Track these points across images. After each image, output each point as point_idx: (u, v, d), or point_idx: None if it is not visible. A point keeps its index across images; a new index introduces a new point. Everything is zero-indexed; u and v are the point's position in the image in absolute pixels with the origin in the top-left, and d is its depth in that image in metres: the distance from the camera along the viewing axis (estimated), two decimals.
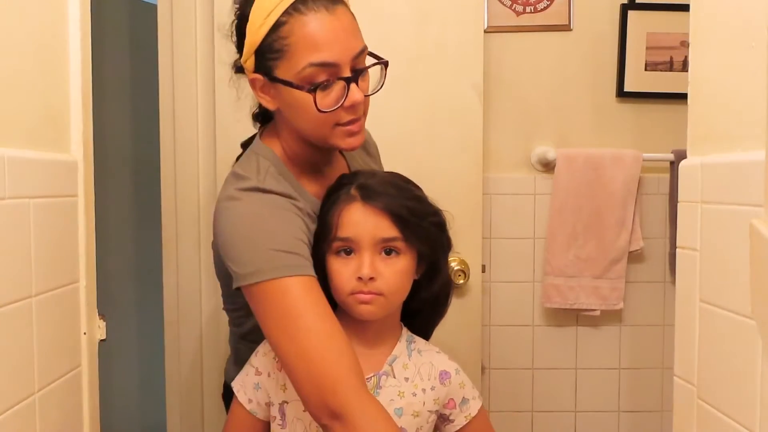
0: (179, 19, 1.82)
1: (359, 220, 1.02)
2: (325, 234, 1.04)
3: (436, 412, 1.09)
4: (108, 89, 2.08)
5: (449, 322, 1.21)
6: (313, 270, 1.00)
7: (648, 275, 2.03)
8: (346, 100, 1.02)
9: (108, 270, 1.92)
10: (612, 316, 2.03)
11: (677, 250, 1.00)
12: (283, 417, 1.07)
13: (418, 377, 1.08)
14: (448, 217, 1.10)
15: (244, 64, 1.07)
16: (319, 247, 1.05)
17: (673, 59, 1.97)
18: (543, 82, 1.99)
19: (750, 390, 0.79)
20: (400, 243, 1.02)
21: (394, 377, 1.07)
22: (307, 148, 1.11)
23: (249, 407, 1.09)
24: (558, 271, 1.97)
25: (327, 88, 1.02)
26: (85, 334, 1.12)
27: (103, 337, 1.17)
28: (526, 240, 2.02)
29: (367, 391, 0.96)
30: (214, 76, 1.79)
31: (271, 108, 1.09)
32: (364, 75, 1.06)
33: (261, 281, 0.97)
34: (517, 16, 1.97)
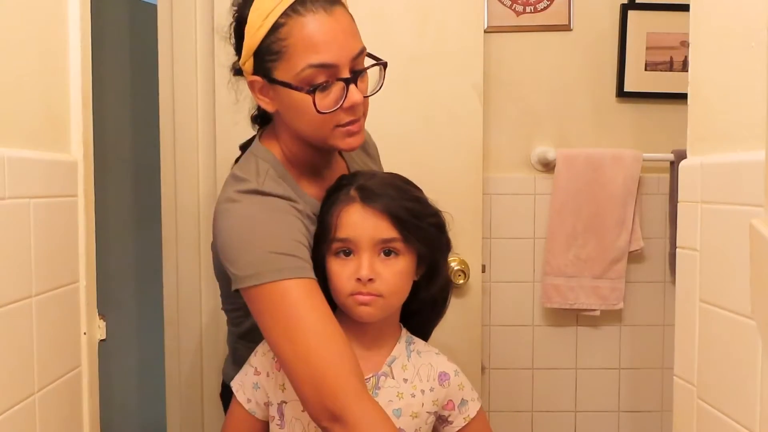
0: (179, 19, 1.82)
1: (358, 221, 1.02)
2: (325, 235, 1.04)
3: (434, 413, 1.09)
4: (108, 89, 2.08)
5: (449, 322, 1.21)
6: (313, 272, 1.00)
7: (648, 275, 2.03)
8: (345, 101, 1.02)
9: (108, 270, 1.92)
10: (612, 316, 2.03)
11: (677, 250, 1.00)
12: (282, 417, 1.07)
13: (417, 378, 1.08)
14: (448, 218, 1.10)
15: (242, 66, 1.07)
16: (319, 248, 1.05)
17: (673, 59, 1.97)
18: (543, 82, 1.99)
19: (750, 390, 0.79)
20: (400, 244, 1.02)
21: (393, 378, 1.07)
22: (306, 149, 1.11)
23: (248, 407, 1.09)
24: (558, 271, 1.97)
25: (326, 90, 1.01)
26: (85, 334, 1.12)
27: (103, 337, 1.17)
28: (526, 240, 2.02)
29: (368, 394, 0.95)
30: (214, 76, 1.79)
31: (270, 110, 1.09)
32: (363, 76, 1.06)
33: (260, 284, 0.97)
34: (517, 16, 1.97)
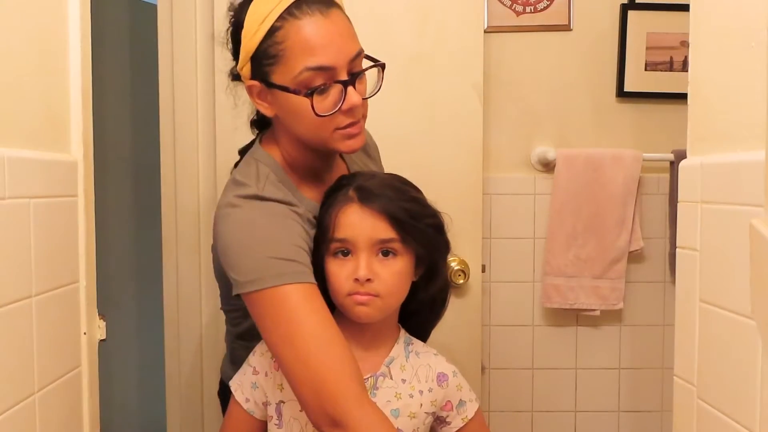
0: (179, 19, 1.82)
1: (356, 222, 1.02)
2: (323, 235, 1.04)
3: (432, 413, 1.09)
4: (108, 89, 2.08)
5: (449, 322, 1.21)
6: (313, 277, 1.00)
7: (648, 275, 2.03)
8: (343, 103, 1.01)
9: (108, 270, 1.92)
10: (612, 316, 2.03)
11: (677, 250, 1.00)
12: (280, 417, 1.07)
13: (415, 379, 1.08)
14: (447, 219, 1.10)
15: (240, 71, 1.07)
16: (317, 248, 1.05)
17: (673, 59, 1.97)
18: (543, 82, 1.99)
19: (750, 390, 0.79)
20: (397, 244, 1.02)
21: (391, 378, 1.07)
22: (306, 153, 1.11)
23: (246, 406, 1.09)
24: (558, 271, 1.97)
25: (324, 92, 1.01)
26: (85, 334, 1.12)
27: (103, 337, 1.17)
28: (526, 240, 2.02)
29: (368, 399, 0.95)
30: (214, 76, 1.79)
31: (269, 114, 1.08)
32: (361, 78, 1.05)
33: (260, 289, 0.97)
34: (517, 16, 1.97)
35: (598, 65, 1.99)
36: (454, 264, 1.79)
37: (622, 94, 1.98)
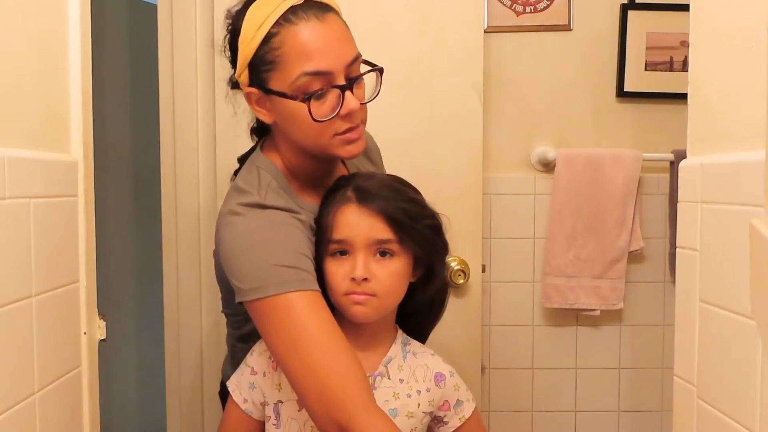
0: (179, 19, 1.82)
1: (354, 222, 1.02)
2: (322, 235, 1.05)
3: (430, 413, 1.09)
4: (108, 89, 2.08)
5: (449, 322, 1.21)
6: (317, 284, 1.00)
7: (648, 275, 2.03)
8: (341, 108, 1.01)
9: (108, 270, 1.92)
10: (612, 316, 2.03)
11: (677, 250, 1.00)
12: (278, 417, 1.07)
13: (413, 379, 1.08)
14: (445, 221, 1.10)
15: (238, 78, 1.07)
16: (317, 248, 1.05)
17: (673, 59, 1.97)
18: (543, 82, 1.99)
19: (750, 390, 0.79)
20: (395, 245, 1.02)
21: (389, 378, 1.07)
22: (307, 160, 1.10)
23: (244, 407, 1.09)
24: (558, 271, 1.97)
25: (321, 97, 1.01)
26: (85, 334, 1.12)
27: (103, 337, 1.17)
28: (526, 240, 2.02)
29: (375, 405, 0.95)
30: (214, 76, 1.79)
31: (268, 121, 1.08)
32: (359, 82, 1.05)
33: (264, 297, 0.97)
34: (517, 16, 1.97)
35: (598, 65, 1.99)
36: (454, 264, 1.79)
37: (622, 94, 1.98)
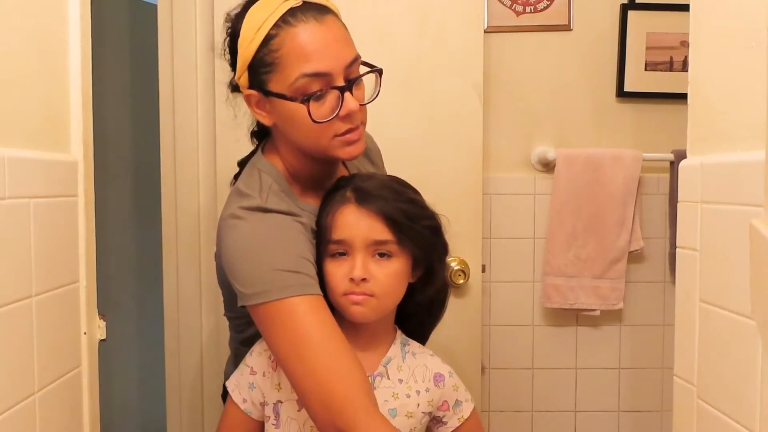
0: (179, 20, 1.82)
1: (353, 222, 1.02)
2: (321, 236, 1.05)
3: (429, 413, 1.09)
4: (108, 89, 2.08)
5: (449, 322, 1.21)
6: (319, 288, 1.00)
7: (648, 275, 2.03)
8: (341, 109, 1.01)
9: (108, 270, 1.92)
10: (612, 316, 2.03)
11: (677, 250, 1.00)
12: (278, 417, 1.07)
13: (412, 379, 1.08)
14: (445, 222, 1.10)
15: (238, 80, 1.07)
16: (317, 249, 1.05)
17: (673, 59, 1.97)
18: (543, 82, 1.99)
19: (750, 390, 0.79)
20: (394, 246, 1.03)
21: (389, 379, 1.07)
22: (307, 162, 1.10)
23: (243, 407, 1.09)
24: (558, 271, 1.97)
25: (321, 99, 1.01)
26: (85, 334, 1.12)
27: (103, 337, 1.17)
28: (526, 240, 2.02)
29: (376, 411, 0.95)
30: (214, 76, 1.79)
31: (268, 123, 1.08)
32: (358, 84, 1.05)
33: (266, 302, 0.97)
34: (517, 16, 1.97)
35: (598, 65, 1.99)
36: (454, 264, 1.79)
37: (622, 94, 1.98)
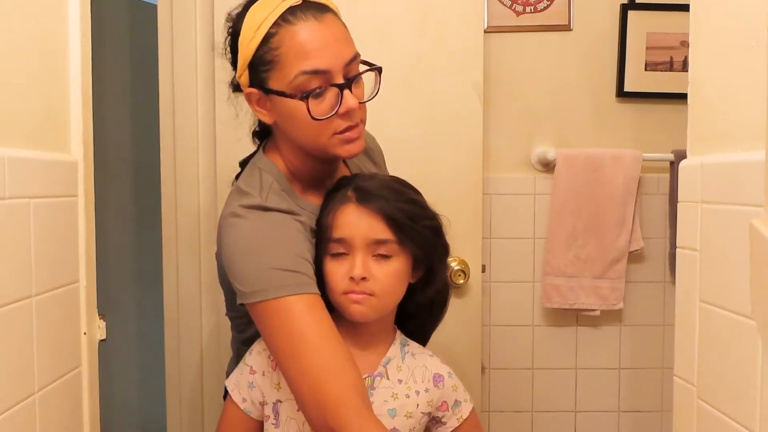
0: (179, 20, 1.82)
1: (353, 222, 1.02)
2: (322, 235, 1.05)
3: (428, 414, 1.09)
4: (108, 89, 2.08)
5: (449, 322, 1.21)
6: (317, 287, 1.00)
7: (648, 275, 2.02)
8: (340, 107, 1.02)
9: (108, 270, 1.92)
10: (612, 316, 2.03)
11: (677, 250, 1.00)
12: (277, 416, 1.07)
13: (411, 379, 1.08)
14: (446, 222, 1.10)
15: (239, 79, 1.08)
16: (317, 247, 1.05)
17: (673, 59, 1.97)
18: (543, 82, 1.99)
19: (750, 390, 0.79)
20: (394, 245, 1.03)
21: (388, 379, 1.07)
22: (308, 161, 1.10)
23: (243, 406, 1.09)
24: (558, 271, 1.97)
25: (320, 96, 1.01)
26: (85, 334, 1.12)
27: (103, 337, 1.17)
28: (526, 240, 2.02)
29: (369, 411, 0.95)
30: (214, 76, 1.79)
31: (268, 121, 1.09)
32: (357, 82, 1.05)
33: (263, 300, 0.98)
34: (517, 16, 1.97)
35: (598, 65, 1.99)
36: (454, 264, 1.79)
37: (622, 94, 1.98)
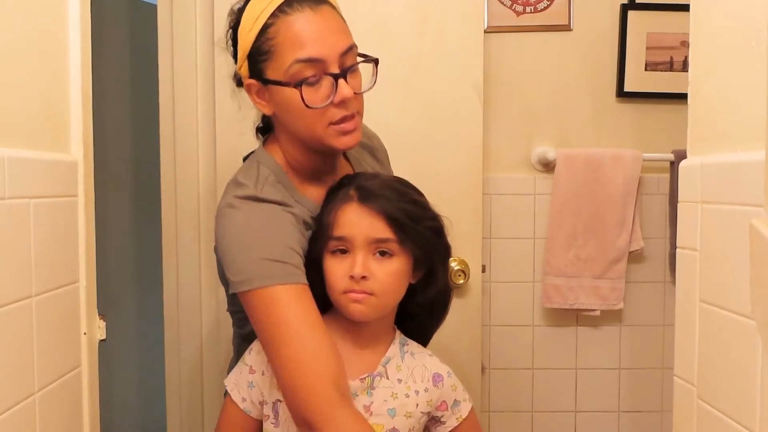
0: (179, 20, 1.82)
1: (354, 221, 1.03)
2: (322, 232, 1.05)
3: (428, 413, 1.09)
4: (108, 89, 2.08)
5: (449, 322, 1.21)
6: (305, 278, 1.02)
7: (648, 275, 2.02)
8: (335, 96, 1.03)
9: (108, 270, 1.92)
10: (612, 316, 2.03)
11: (677, 250, 1.00)
12: (276, 415, 1.07)
13: (411, 379, 1.09)
14: (447, 224, 1.10)
15: (239, 71, 1.10)
16: (317, 245, 1.06)
17: (673, 59, 1.97)
18: (543, 82, 1.99)
19: (750, 390, 0.79)
20: (394, 245, 1.03)
21: (388, 378, 1.07)
22: (307, 153, 1.11)
23: (243, 406, 1.09)
24: (558, 271, 1.97)
25: (315, 85, 1.03)
26: (85, 334, 1.12)
27: (103, 337, 1.17)
28: (526, 240, 2.02)
29: (344, 402, 0.96)
30: (214, 76, 1.79)
31: (268, 113, 1.10)
32: (354, 72, 1.06)
33: (251, 289, 0.99)
34: (517, 16, 1.97)
35: (598, 65, 1.99)
36: (454, 264, 1.79)
37: (622, 94, 1.98)
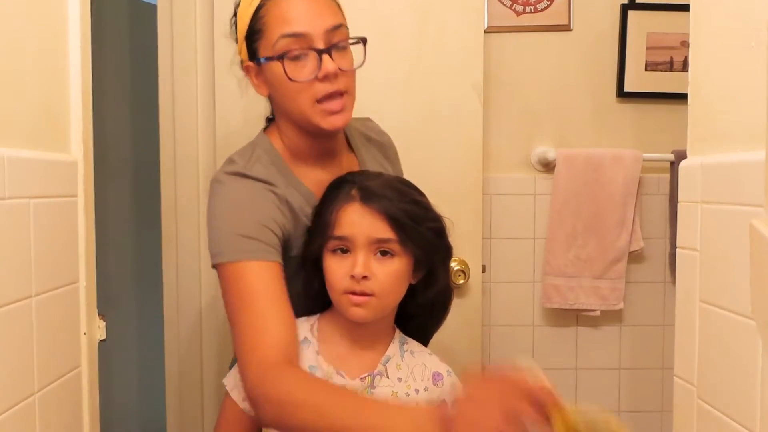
0: (179, 19, 1.82)
1: (356, 220, 1.03)
2: (323, 231, 1.05)
3: None
4: (108, 89, 2.08)
5: (449, 322, 1.21)
6: (275, 256, 1.04)
7: (648, 275, 2.02)
8: (320, 71, 1.05)
9: (108, 270, 1.92)
10: (612, 316, 2.03)
11: (677, 250, 1.00)
12: None
13: (411, 378, 1.09)
14: (449, 225, 1.11)
15: (239, 54, 1.14)
16: (317, 243, 1.06)
17: (673, 59, 1.97)
18: (543, 82, 1.99)
19: (750, 390, 0.79)
20: (395, 245, 1.03)
21: (388, 377, 1.07)
22: (302, 136, 1.13)
23: (243, 405, 1.08)
24: (558, 271, 1.97)
25: (299, 59, 1.05)
26: (85, 334, 1.12)
27: (103, 337, 1.17)
28: (526, 240, 2.02)
29: (283, 366, 0.96)
30: (214, 76, 1.79)
31: (264, 94, 1.14)
32: (341, 50, 1.08)
33: (222, 263, 1.03)
34: (517, 16, 1.97)
35: (598, 65, 1.99)
36: (454, 264, 1.79)
37: (622, 94, 1.98)
